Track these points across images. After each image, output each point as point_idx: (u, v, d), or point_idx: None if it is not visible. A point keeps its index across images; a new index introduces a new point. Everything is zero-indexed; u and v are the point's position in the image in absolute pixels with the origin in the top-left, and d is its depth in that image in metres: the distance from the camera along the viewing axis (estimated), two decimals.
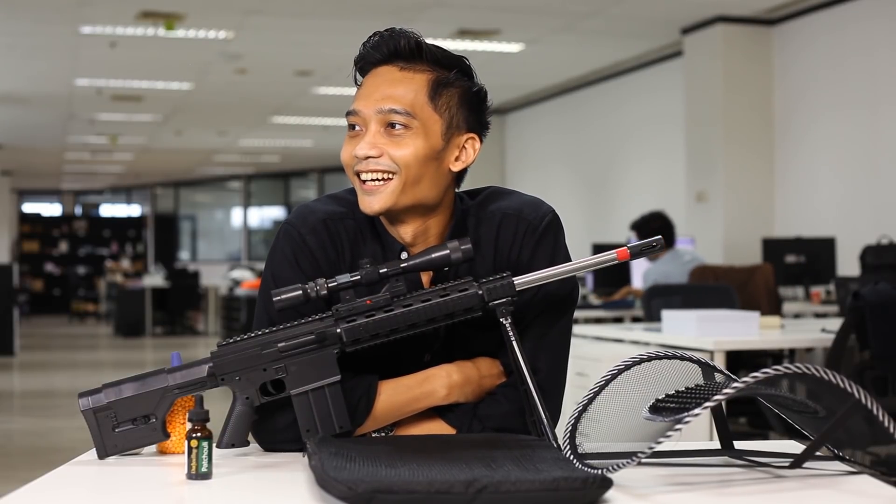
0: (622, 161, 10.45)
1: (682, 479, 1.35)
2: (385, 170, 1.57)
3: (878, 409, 1.30)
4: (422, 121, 1.58)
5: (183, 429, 1.54)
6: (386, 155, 1.57)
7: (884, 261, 5.68)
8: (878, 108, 7.12)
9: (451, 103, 1.61)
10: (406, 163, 1.56)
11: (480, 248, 1.64)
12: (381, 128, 1.57)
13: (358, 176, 1.59)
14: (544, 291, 1.62)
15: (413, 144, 1.57)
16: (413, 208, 1.60)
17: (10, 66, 10.09)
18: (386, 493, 1.16)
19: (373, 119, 1.58)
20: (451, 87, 1.61)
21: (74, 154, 17.58)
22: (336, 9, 7.89)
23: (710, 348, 3.68)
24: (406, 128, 1.57)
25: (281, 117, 13.44)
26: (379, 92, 1.58)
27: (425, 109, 1.58)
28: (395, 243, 1.64)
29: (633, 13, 8.02)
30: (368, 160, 1.57)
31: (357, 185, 1.60)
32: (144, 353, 12.17)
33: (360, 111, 1.59)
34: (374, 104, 1.57)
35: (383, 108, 1.57)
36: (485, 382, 1.64)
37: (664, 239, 1.56)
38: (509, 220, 1.65)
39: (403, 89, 1.58)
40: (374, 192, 1.57)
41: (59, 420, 7.01)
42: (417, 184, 1.58)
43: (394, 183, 1.57)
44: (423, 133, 1.58)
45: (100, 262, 21.16)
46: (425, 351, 1.66)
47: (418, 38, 1.60)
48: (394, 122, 1.57)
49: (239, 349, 1.52)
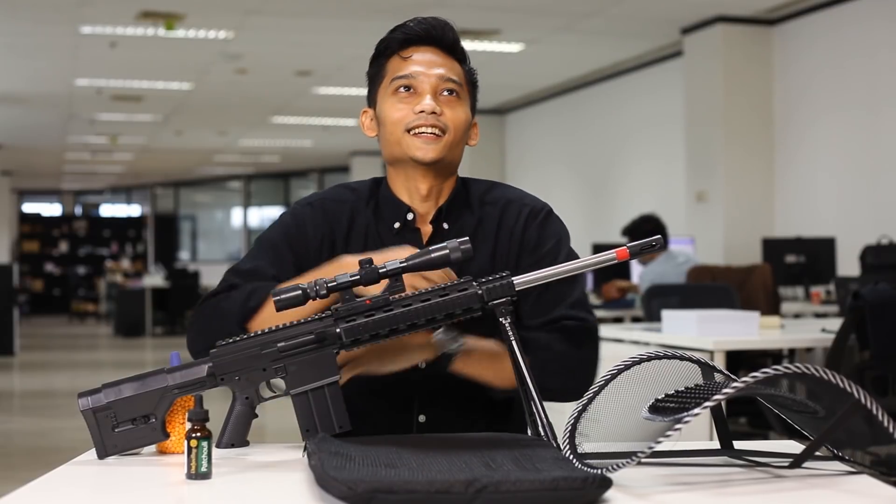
0: (622, 161, 10.45)
1: (682, 479, 1.35)
2: (442, 127, 1.76)
3: (878, 409, 1.30)
4: (464, 95, 1.81)
5: (183, 429, 1.54)
6: (444, 114, 1.76)
7: (884, 261, 5.67)
8: (879, 109, 7.12)
9: (471, 90, 1.84)
10: (457, 124, 1.78)
11: (483, 229, 1.80)
12: (439, 92, 1.78)
13: (410, 132, 1.76)
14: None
15: (463, 111, 1.79)
16: (447, 166, 1.79)
17: (10, 66, 10.09)
18: (386, 493, 1.16)
19: (430, 83, 1.77)
20: (470, 78, 1.84)
21: (74, 154, 17.58)
22: (336, 9, 7.89)
23: (710, 348, 3.68)
24: (458, 97, 1.79)
25: (281, 117, 13.44)
26: (434, 62, 1.78)
27: (465, 88, 1.82)
28: (402, 206, 1.80)
29: (633, 13, 8.02)
30: (430, 115, 1.75)
31: (408, 140, 1.76)
32: (144, 353, 12.17)
33: (419, 73, 1.77)
34: (434, 69, 1.77)
35: (444, 76, 1.78)
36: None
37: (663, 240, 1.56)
38: (513, 206, 1.82)
39: (452, 66, 1.80)
40: (431, 141, 1.75)
41: (59, 420, 7.01)
42: (457, 146, 1.80)
43: (447, 139, 1.77)
44: (467, 105, 1.81)
45: (100, 262, 21.16)
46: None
47: (456, 33, 1.83)
48: (449, 89, 1.78)
49: (238, 349, 1.52)
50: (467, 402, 1.76)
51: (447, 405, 1.75)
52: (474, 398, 1.76)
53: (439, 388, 1.74)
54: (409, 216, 1.79)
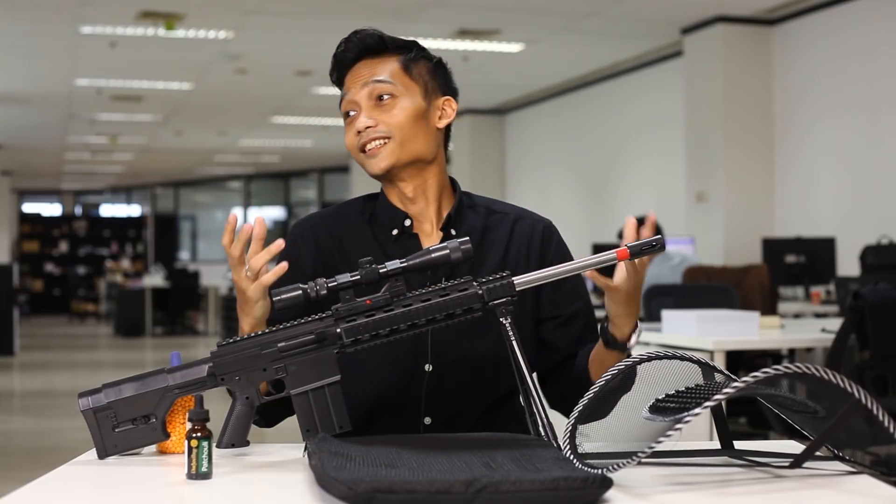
0: (622, 161, 10.45)
1: (682, 479, 1.35)
2: (382, 136, 1.77)
3: (878, 409, 1.30)
4: (403, 87, 1.79)
5: (183, 429, 1.54)
6: (381, 123, 1.77)
7: (884, 261, 5.68)
8: (879, 109, 7.12)
9: (422, 73, 1.82)
10: (399, 125, 1.77)
11: (492, 235, 1.83)
12: (371, 102, 1.78)
13: (363, 151, 1.79)
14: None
15: (401, 108, 1.78)
16: (412, 164, 1.79)
17: (10, 66, 10.09)
18: (386, 493, 1.16)
19: (363, 97, 1.78)
20: (418, 62, 1.83)
21: (74, 154, 17.58)
22: (336, 9, 7.89)
23: (710, 348, 3.68)
24: (392, 96, 1.78)
25: (281, 117, 13.44)
26: (362, 77, 1.80)
27: (403, 79, 1.80)
28: (399, 213, 1.82)
29: (633, 13, 8.02)
30: (367, 130, 1.77)
31: (362, 158, 1.80)
32: (144, 353, 12.17)
33: (351, 94, 1.80)
34: (361, 83, 1.79)
35: (368, 83, 1.78)
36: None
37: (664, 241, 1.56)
38: (525, 220, 1.86)
39: (381, 69, 1.80)
40: (376, 153, 1.78)
41: (59, 420, 7.01)
42: (412, 141, 1.78)
43: (392, 144, 1.77)
44: (408, 97, 1.79)
45: (100, 262, 21.15)
46: (423, 361, 1.75)
47: (380, 33, 1.82)
48: (381, 94, 1.78)
49: (239, 349, 1.52)
50: (473, 403, 1.78)
51: (453, 407, 1.76)
52: (480, 400, 1.78)
53: (445, 390, 1.75)
54: (406, 222, 1.81)
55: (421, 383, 1.75)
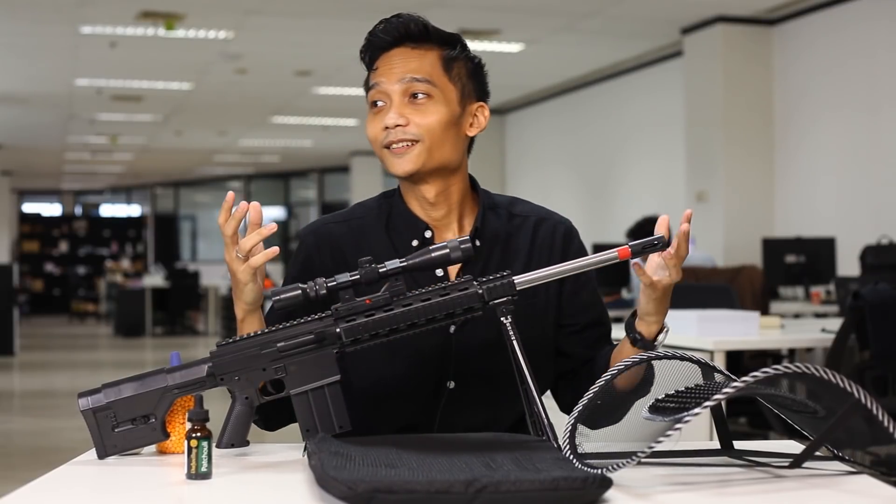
0: (622, 161, 10.45)
1: (682, 479, 1.35)
2: (412, 138, 1.69)
3: (878, 409, 1.30)
4: (440, 89, 1.71)
5: (183, 429, 1.54)
6: (412, 123, 1.69)
7: (884, 261, 5.67)
8: (878, 109, 7.12)
9: (461, 74, 1.75)
10: (430, 129, 1.69)
11: (515, 242, 1.77)
12: (404, 99, 1.70)
13: (387, 147, 1.71)
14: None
15: (436, 111, 1.70)
16: (437, 171, 1.72)
17: (10, 66, 10.09)
18: (386, 493, 1.16)
19: (396, 91, 1.69)
20: (459, 61, 1.75)
21: (74, 154, 17.58)
22: (336, 9, 7.89)
23: (710, 348, 3.68)
24: (428, 97, 1.70)
25: (281, 117, 13.44)
26: (399, 67, 1.70)
27: (442, 79, 1.71)
28: (419, 223, 1.74)
29: (633, 13, 8.02)
30: (397, 129, 1.69)
31: (385, 154, 1.72)
32: (144, 353, 12.17)
33: (383, 85, 1.70)
34: (397, 76, 1.70)
35: (405, 78, 1.69)
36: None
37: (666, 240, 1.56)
38: (546, 224, 1.80)
39: (420, 62, 1.71)
40: (403, 153, 1.70)
41: (59, 420, 7.01)
42: (441, 148, 1.70)
43: (420, 147, 1.69)
44: (443, 101, 1.71)
45: (100, 262, 21.15)
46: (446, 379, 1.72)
47: (425, 20, 1.73)
48: (416, 92, 1.69)
49: (238, 349, 1.52)
50: (492, 421, 1.74)
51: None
52: (500, 417, 1.75)
53: (465, 407, 1.73)
54: (426, 234, 1.75)
55: (440, 399, 1.73)
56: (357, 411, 1.74)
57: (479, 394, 1.73)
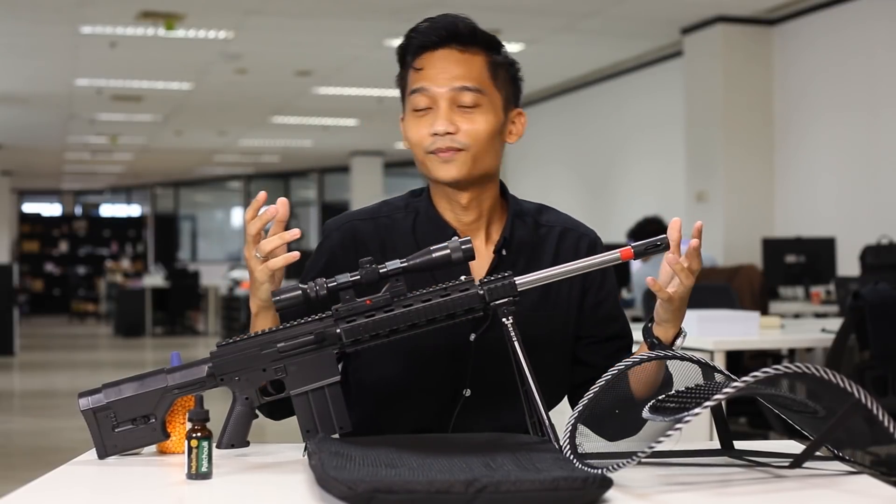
0: (622, 161, 10.45)
1: (682, 479, 1.35)
2: (459, 146, 1.67)
3: (878, 409, 1.30)
4: (489, 97, 1.69)
5: (183, 429, 1.54)
6: (461, 131, 1.67)
7: (884, 261, 5.67)
8: (878, 109, 7.12)
9: (505, 80, 1.73)
10: (478, 137, 1.67)
11: (540, 253, 1.76)
12: (452, 105, 1.67)
13: (432, 153, 1.68)
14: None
15: (484, 121, 1.68)
16: (479, 176, 1.71)
17: (10, 66, 10.09)
18: (386, 493, 1.16)
19: (444, 97, 1.67)
20: (503, 66, 1.72)
21: (74, 154, 17.58)
22: (336, 9, 7.89)
23: (710, 348, 3.68)
24: (477, 105, 1.67)
25: (281, 117, 13.43)
26: (448, 71, 1.67)
27: (489, 86, 1.69)
28: (447, 229, 1.73)
29: (633, 13, 8.02)
30: (446, 136, 1.67)
31: (430, 160, 1.69)
32: (144, 353, 12.16)
33: (431, 90, 1.68)
34: (447, 83, 1.67)
35: (455, 85, 1.67)
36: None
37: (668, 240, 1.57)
38: (570, 235, 1.80)
39: (469, 68, 1.68)
40: (450, 160, 1.68)
41: (59, 420, 7.01)
42: (485, 156, 1.70)
43: (466, 155, 1.67)
44: (491, 109, 1.69)
45: (100, 262, 21.14)
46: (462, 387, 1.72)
47: (473, 22, 1.70)
48: (465, 100, 1.67)
49: (238, 349, 1.51)
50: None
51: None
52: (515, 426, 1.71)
53: (481, 415, 1.72)
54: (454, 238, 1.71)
55: (455, 408, 1.72)
56: (371, 413, 1.75)
57: (494, 402, 1.72)
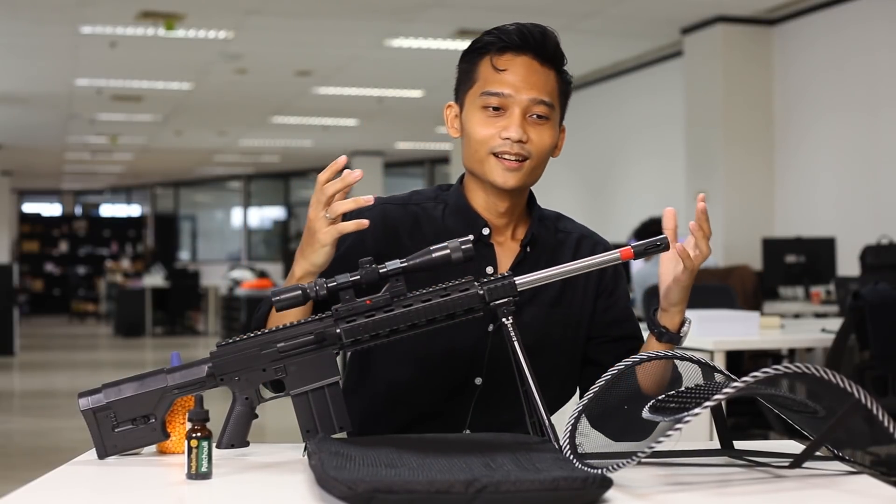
0: (622, 161, 10.45)
1: (682, 479, 1.35)
2: (525, 155, 1.71)
3: (878, 409, 1.30)
4: (555, 112, 1.75)
5: (183, 429, 1.54)
6: (531, 141, 1.71)
7: (884, 261, 5.67)
8: (878, 109, 7.12)
9: (564, 98, 1.79)
10: (542, 150, 1.73)
11: (557, 257, 1.79)
12: (525, 115, 1.71)
13: (496, 155, 1.71)
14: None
15: (550, 135, 1.73)
16: (526, 187, 1.77)
17: (10, 66, 10.09)
18: (386, 493, 1.16)
19: (520, 105, 1.71)
20: (565, 85, 1.79)
21: (74, 154, 17.58)
22: (336, 9, 7.88)
23: (710, 348, 3.68)
24: (547, 119, 1.73)
25: (281, 117, 13.43)
26: (528, 80, 1.71)
27: (556, 103, 1.75)
28: (479, 219, 1.76)
29: (633, 13, 8.02)
30: (516, 143, 1.70)
31: (492, 163, 1.72)
32: (144, 353, 12.17)
33: (510, 95, 1.71)
34: (526, 92, 1.71)
35: (535, 98, 1.71)
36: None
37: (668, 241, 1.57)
38: (586, 242, 1.83)
39: (546, 82, 1.73)
40: (515, 169, 1.71)
41: (59, 420, 7.01)
42: (540, 168, 1.75)
43: (528, 164, 1.72)
44: (555, 124, 1.75)
45: (100, 262, 21.15)
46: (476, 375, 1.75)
47: (557, 39, 1.78)
48: (539, 112, 1.71)
49: (238, 349, 1.51)
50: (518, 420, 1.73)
51: (498, 422, 1.74)
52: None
53: (493, 405, 1.75)
54: (484, 230, 1.77)
55: (470, 397, 1.75)
56: (382, 401, 1.77)
57: (506, 394, 1.74)
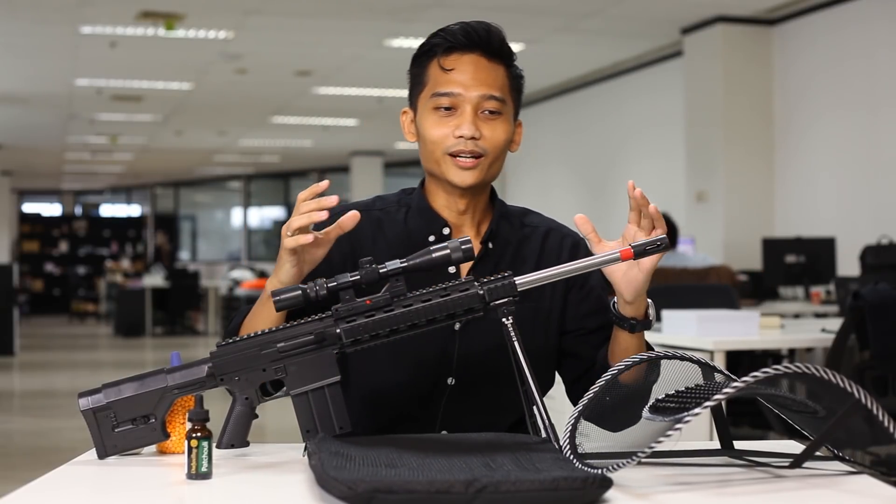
0: (622, 161, 10.45)
1: (682, 479, 1.35)
2: (480, 152, 1.72)
3: (878, 409, 1.30)
4: (507, 107, 1.75)
5: (183, 429, 1.54)
6: (484, 137, 1.72)
7: (884, 261, 5.67)
8: (878, 109, 7.12)
9: (517, 92, 1.79)
10: (496, 145, 1.73)
11: (524, 251, 1.80)
12: (476, 111, 1.72)
13: (450, 155, 1.72)
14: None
15: (504, 130, 1.74)
16: (485, 184, 1.77)
17: (10, 66, 10.09)
18: (386, 493, 1.16)
19: (471, 102, 1.72)
20: (517, 80, 1.79)
21: (74, 154, 17.58)
22: (336, 9, 7.89)
23: (710, 348, 3.68)
24: (499, 114, 1.73)
25: (281, 117, 13.43)
26: (477, 77, 1.73)
27: (508, 97, 1.76)
28: (438, 219, 1.77)
29: (633, 13, 8.02)
30: (469, 141, 1.71)
31: (447, 163, 1.73)
32: (144, 353, 12.17)
33: (459, 94, 1.72)
34: (475, 89, 1.72)
35: (484, 94, 1.72)
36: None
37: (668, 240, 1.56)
38: (554, 234, 1.84)
39: (496, 77, 1.74)
40: (471, 167, 1.72)
41: (59, 420, 7.01)
42: (497, 163, 1.76)
43: (485, 161, 1.73)
44: (509, 119, 1.75)
45: (100, 262, 21.15)
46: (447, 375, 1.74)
47: (503, 34, 1.77)
48: (490, 107, 1.72)
49: (238, 349, 1.51)
50: (494, 420, 1.76)
51: (473, 423, 1.73)
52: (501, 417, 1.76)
53: (466, 405, 1.75)
54: (444, 230, 1.78)
55: (441, 396, 1.75)
56: (357, 403, 1.76)
57: (479, 392, 1.75)
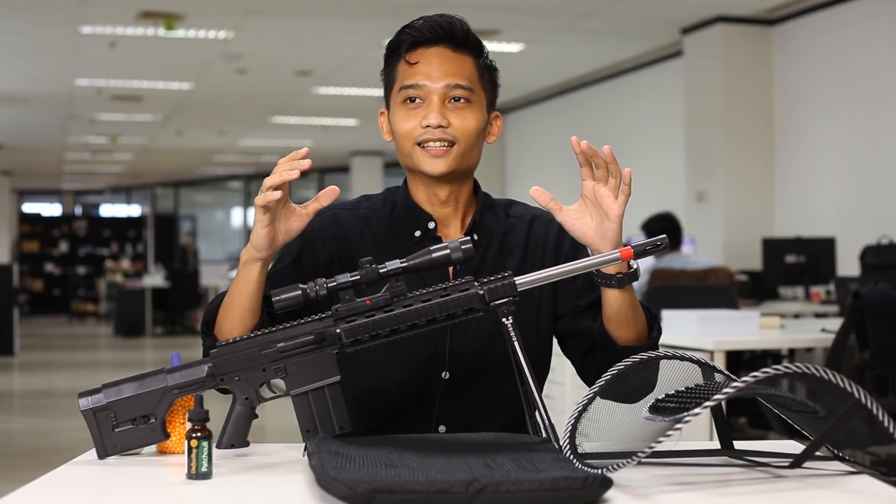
0: (622, 161, 10.13)
1: (682, 479, 1.35)
2: (449, 139, 1.73)
3: (878, 409, 1.30)
4: (477, 95, 1.76)
5: (183, 429, 1.54)
6: (452, 126, 1.73)
7: (884, 261, 5.67)
8: (879, 109, 7.12)
9: (488, 83, 1.79)
10: (467, 133, 1.74)
11: (510, 240, 1.82)
12: (444, 101, 1.73)
13: (420, 145, 1.74)
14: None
15: (473, 117, 1.75)
16: (462, 172, 1.77)
17: (10, 66, 10.09)
18: (386, 493, 1.16)
19: (437, 93, 1.73)
20: (488, 70, 1.80)
21: (74, 154, 17.58)
22: (336, 9, 7.88)
23: (710, 348, 3.68)
24: (467, 101, 1.74)
25: (281, 117, 13.43)
26: (442, 68, 1.73)
27: (478, 86, 1.76)
28: (423, 214, 1.78)
29: (633, 13, 8.02)
30: (437, 129, 1.72)
31: (418, 153, 1.74)
32: (144, 353, 12.17)
33: (424, 85, 1.73)
34: (440, 79, 1.73)
35: (450, 84, 1.73)
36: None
37: (668, 240, 1.56)
38: (539, 221, 1.85)
39: (462, 67, 1.75)
40: (438, 155, 1.73)
41: (59, 420, 7.01)
42: (471, 152, 1.76)
43: (455, 150, 1.74)
44: (479, 107, 1.76)
45: (100, 262, 21.15)
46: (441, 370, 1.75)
47: (468, 25, 1.77)
48: (457, 96, 1.73)
49: (238, 349, 1.51)
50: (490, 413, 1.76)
51: (469, 417, 1.74)
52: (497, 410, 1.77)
53: (461, 399, 1.76)
54: (430, 225, 1.78)
55: (436, 391, 1.75)
56: (352, 403, 1.76)
57: (474, 385, 1.75)
